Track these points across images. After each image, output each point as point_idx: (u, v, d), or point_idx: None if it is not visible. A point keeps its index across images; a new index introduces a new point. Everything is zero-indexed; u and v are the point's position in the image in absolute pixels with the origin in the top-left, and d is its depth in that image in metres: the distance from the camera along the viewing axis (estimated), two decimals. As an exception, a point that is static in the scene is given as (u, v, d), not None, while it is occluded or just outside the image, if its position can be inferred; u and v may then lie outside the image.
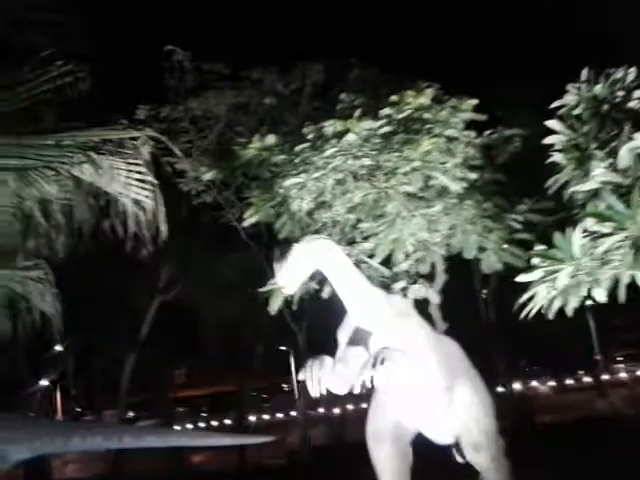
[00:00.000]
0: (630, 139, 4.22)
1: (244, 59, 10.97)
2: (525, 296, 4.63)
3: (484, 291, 17.28)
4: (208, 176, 7.19)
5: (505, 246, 6.49)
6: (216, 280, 17.72)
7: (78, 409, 29.11)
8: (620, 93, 4.97)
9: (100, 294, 16.85)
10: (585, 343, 29.21)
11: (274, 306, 6.36)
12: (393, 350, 4.80)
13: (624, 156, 4.20)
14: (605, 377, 26.04)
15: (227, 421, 26.24)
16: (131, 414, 26.12)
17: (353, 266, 5.17)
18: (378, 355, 4.73)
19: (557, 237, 4.43)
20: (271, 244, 12.73)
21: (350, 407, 23.10)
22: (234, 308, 19.00)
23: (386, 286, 5.96)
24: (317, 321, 14.69)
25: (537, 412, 19.00)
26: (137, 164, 3.88)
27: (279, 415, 28.91)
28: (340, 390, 5.12)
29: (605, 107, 5.01)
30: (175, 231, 5.00)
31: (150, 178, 4.03)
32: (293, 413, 25.63)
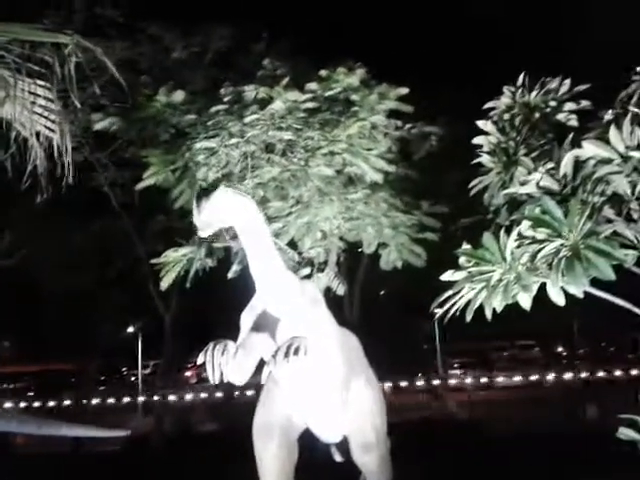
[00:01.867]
0: (573, 147, 4.19)
1: (141, 12, 9.99)
2: (446, 294, 4.44)
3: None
4: (99, 126, 6.30)
5: (408, 244, 6.42)
6: (70, 248, 16.13)
7: None
8: (552, 103, 5.00)
9: None
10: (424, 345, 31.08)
11: (166, 281, 5.69)
12: (306, 339, 4.40)
13: (567, 164, 4.16)
14: (440, 382, 27.66)
15: (65, 402, 24.22)
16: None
17: (272, 242, 4.67)
18: (291, 344, 4.30)
19: (487, 238, 4.28)
20: (144, 215, 11.95)
21: (200, 395, 22.43)
22: (86, 281, 17.52)
23: (293, 271, 5.56)
24: (187, 304, 13.95)
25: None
26: (44, 86, 3.13)
27: (111, 400, 27.30)
28: (239, 380, 4.63)
29: (536, 115, 5.01)
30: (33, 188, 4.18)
31: (56, 107, 3.29)
32: (126, 399, 24.34)
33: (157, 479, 9.46)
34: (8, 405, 25.02)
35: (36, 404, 25.80)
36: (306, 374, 4.99)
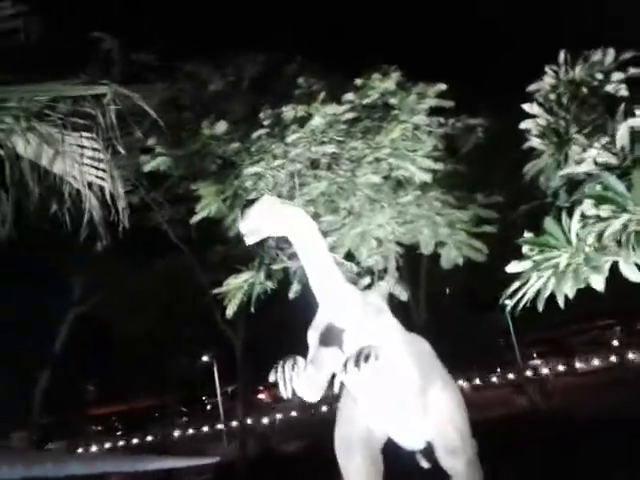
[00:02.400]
0: (627, 117, 4.01)
1: (175, 51, 10.24)
2: (514, 286, 4.32)
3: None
4: (149, 167, 6.47)
5: (466, 240, 6.28)
6: (139, 289, 16.66)
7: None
8: (599, 76, 4.82)
9: (9, 306, 15.37)
10: (499, 339, 30.31)
11: (231, 308, 5.75)
12: (375, 346, 4.34)
13: (623, 135, 3.99)
14: (523, 374, 26.90)
15: (148, 438, 24.91)
16: (42, 435, 24.21)
17: (329, 253, 4.64)
18: (361, 351, 4.25)
19: (549, 223, 4.16)
20: (203, 247, 12.18)
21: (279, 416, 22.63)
22: (157, 318, 18.01)
23: (352, 283, 5.52)
24: (255, 327, 14.14)
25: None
26: (91, 138, 3.25)
27: (200, 429, 27.80)
28: (312, 396, 4.61)
29: (584, 90, 4.83)
30: (96, 236, 4.29)
31: (104, 156, 3.39)
32: (209, 427, 24.78)
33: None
34: (102, 446, 25.92)
35: (124, 442, 26.64)
36: (381, 384, 4.94)
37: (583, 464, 7.27)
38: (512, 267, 4.33)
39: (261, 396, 31.23)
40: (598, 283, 4.06)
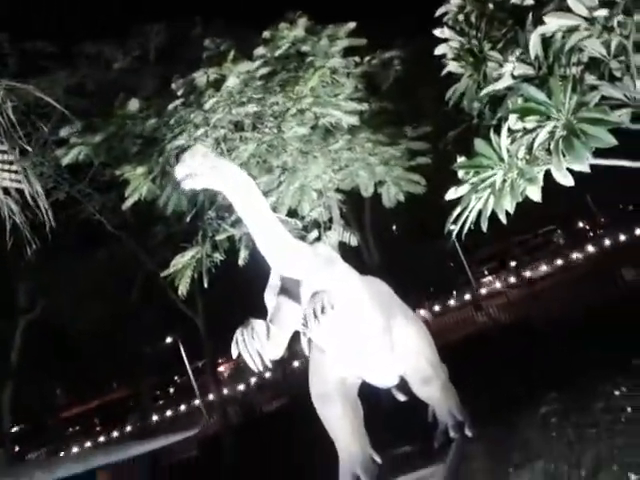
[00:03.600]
0: (537, 26, 4.02)
1: (72, 34, 9.69)
2: (456, 212, 4.37)
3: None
4: (67, 160, 6.16)
5: (403, 175, 6.32)
6: (85, 283, 16.20)
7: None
8: (502, -11, 4.79)
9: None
10: (450, 264, 31.16)
11: (183, 287, 5.64)
12: (326, 294, 4.36)
13: (535, 44, 4.01)
14: (478, 292, 27.79)
15: (128, 428, 24.72)
16: (19, 448, 23.70)
17: (271, 211, 4.55)
18: (315, 305, 4.26)
19: (479, 143, 4.18)
20: (143, 229, 11.88)
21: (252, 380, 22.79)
22: (110, 309, 17.64)
23: (301, 238, 5.49)
24: (213, 302, 14.02)
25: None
26: (-3, 141, 3.03)
27: (178, 409, 27.77)
28: (277, 354, 4.61)
29: (490, 6, 4.81)
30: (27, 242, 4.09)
31: (14, 157, 3.19)
32: (196, 403, 24.77)
33: (238, 465, 9.65)
34: (82, 446, 25.60)
35: (104, 438, 26.41)
36: (345, 331, 4.99)
37: (549, 368, 7.59)
38: (450, 194, 4.36)
39: (229, 364, 31.36)
40: (535, 194, 4.14)
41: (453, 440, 5.63)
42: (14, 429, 19.34)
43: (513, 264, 30.07)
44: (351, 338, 5.11)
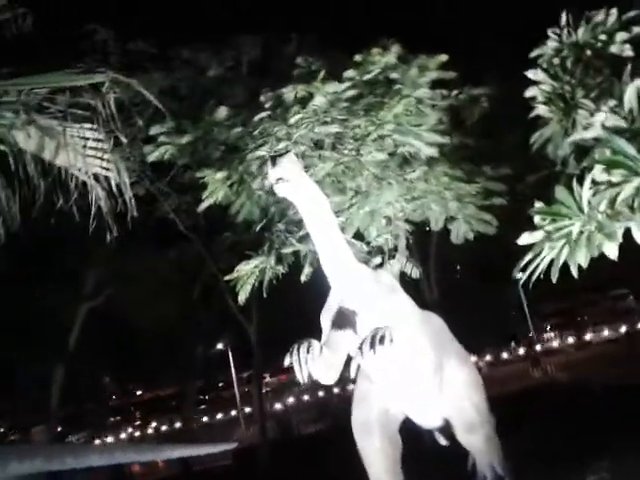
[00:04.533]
0: (634, 78, 3.92)
1: (172, 38, 10.15)
2: (527, 258, 4.26)
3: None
4: (153, 157, 6.44)
5: (476, 213, 6.23)
6: (151, 279, 16.72)
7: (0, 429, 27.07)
8: (602, 37, 4.70)
9: (21, 305, 15.46)
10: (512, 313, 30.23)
11: (243, 294, 5.73)
12: (389, 328, 4.31)
13: (631, 97, 3.90)
14: (537, 347, 26.86)
15: (167, 427, 25.18)
16: (61, 428, 24.52)
17: (340, 232, 4.59)
18: (376, 334, 4.22)
19: (560, 191, 4.08)
20: (212, 234, 12.18)
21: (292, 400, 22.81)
22: (171, 307, 18.09)
23: (363, 263, 5.49)
24: (268, 314, 14.18)
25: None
26: (93, 129, 3.21)
27: (219, 416, 28.06)
28: (328, 379, 4.60)
29: (588, 53, 4.73)
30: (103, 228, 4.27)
31: (107, 146, 3.36)
32: (233, 413, 24.98)
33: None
34: (121, 436, 26.22)
35: (142, 432, 26.95)
36: (396, 364, 4.91)
37: (598, 432, 7.24)
38: (524, 239, 4.26)
39: (276, 380, 31.46)
40: (612, 250, 3.99)
41: (490, 493, 5.42)
42: (61, 411, 19.94)
43: (578, 323, 28.85)
44: (402, 372, 5.03)
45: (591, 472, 6.07)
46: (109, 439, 25.98)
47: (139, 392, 35.01)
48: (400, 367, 4.91)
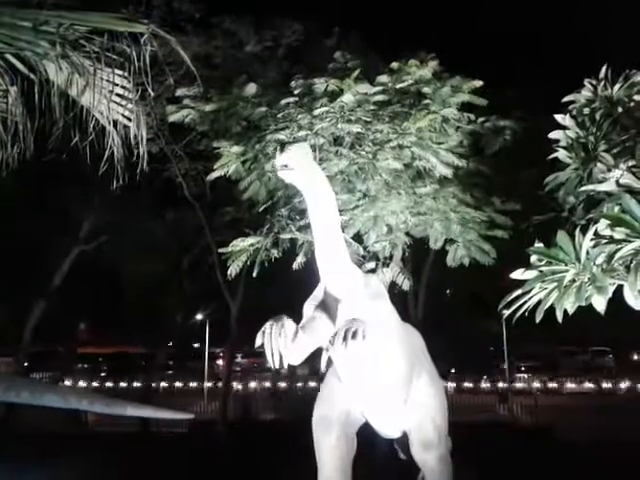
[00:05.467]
0: (658, 144, 3.96)
1: (217, 6, 10.19)
2: (516, 293, 4.30)
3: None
4: (174, 118, 6.46)
5: (476, 240, 6.27)
6: (146, 237, 16.71)
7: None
8: (637, 97, 4.74)
9: (15, 235, 15.46)
10: (490, 347, 30.35)
11: (233, 269, 5.77)
12: (363, 323, 4.33)
13: (650, 161, 3.94)
14: (507, 385, 26.94)
15: (132, 384, 25.23)
16: (28, 364, 24.53)
17: (340, 228, 4.62)
18: (349, 327, 4.25)
19: (561, 236, 4.12)
20: (215, 206, 12.22)
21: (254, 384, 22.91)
22: (159, 269, 18.13)
23: (357, 265, 5.53)
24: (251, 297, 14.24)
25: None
26: (122, 75, 3.24)
27: (184, 385, 28.11)
28: (295, 359, 4.62)
29: (619, 109, 4.77)
30: (110, 177, 4.30)
31: (133, 96, 3.39)
32: (202, 385, 25.03)
33: (220, 462, 9.69)
34: (82, 384, 26.29)
35: (108, 385, 27.01)
36: (367, 367, 4.95)
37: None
38: (517, 274, 4.30)
39: (247, 361, 31.55)
40: (600, 304, 4.03)
41: (432, 513, 5.47)
42: (31, 347, 19.98)
43: (553, 370, 28.98)
44: (371, 377, 5.06)
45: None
46: (71, 384, 26.03)
47: (110, 345, 35.07)
48: (370, 371, 4.95)
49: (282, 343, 4.27)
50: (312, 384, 20.01)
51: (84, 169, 5.31)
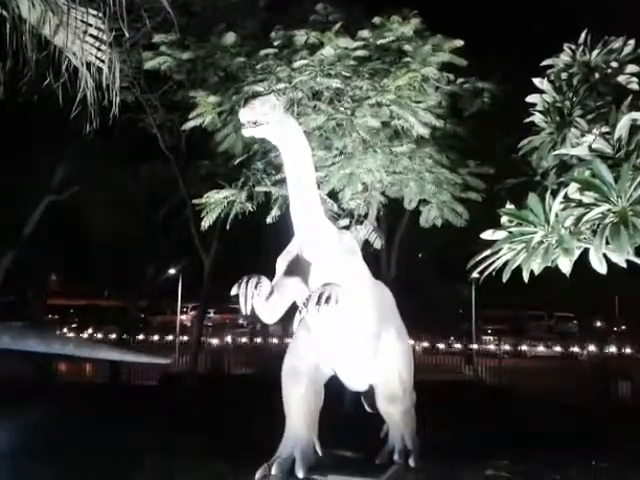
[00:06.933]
0: (631, 111, 4.02)
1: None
2: (485, 253, 4.38)
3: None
4: (149, 65, 6.31)
5: (450, 202, 6.34)
6: (118, 189, 16.48)
7: None
8: (614, 64, 4.78)
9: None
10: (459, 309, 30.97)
11: (207, 221, 5.76)
12: (337, 288, 4.41)
13: (623, 126, 4.00)
14: (474, 346, 27.56)
15: (101, 336, 25.22)
16: (-4, 314, 24.32)
17: (315, 186, 4.64)
18: (323, 292, 4.32)
19: (532, 198, 4.20)
20: (190, 158, 12.06)
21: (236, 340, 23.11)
22: (132, 221, 17.93)
23: (331, 220, 5.56)
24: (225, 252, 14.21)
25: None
26: (97, 16, 3.16)
27: (155, 338, 28.21)
28: (268, 318, 4.72)
29: (596, 75, 4.81)
30: (82, 124, 4.22)
31: (107, 38, 3.31)
32: (169, 338, 25.12)
33: (190, 414, 9.83)
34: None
35: (76, 334, 26.95)
36: (337, 322, 5.04)
37: (513, 437, 7.60)
38: (487, 234, 4.39)
39: (219, 317, 31.72)
40: (565, 265, 4.15)
41: (394, 463, 5.67)
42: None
43: (518, 334, 29.72)
44: (340, 331, 5.16)
45: (490, 467, 6.40)
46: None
47: (81, 297, 34.88)
48: (340, 326, 5.05)
49: (256, 293, 4.35)
50: (284, 341, 20.23)
51: (57, 115, 5.19)
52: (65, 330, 27.03)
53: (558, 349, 24.76)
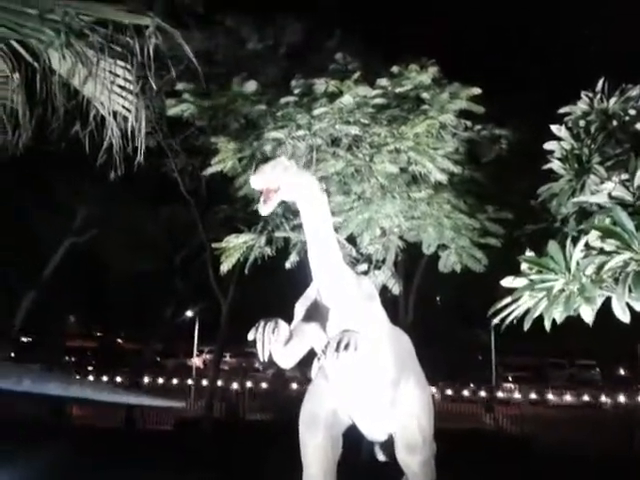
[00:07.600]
0: (652, 157, 4.01)
1: (220, 3, 10.20)
2: (506, 300, 4.34)
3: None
4: (172, 111, 6.47)
5: (468, 247, 6.32)
6: (139, 232, 16.68)
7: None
8: (632, 112, 4.80)
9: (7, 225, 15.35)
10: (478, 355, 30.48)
11: (225, 266, 5.79)
12: (356, 334, 4.36)
13: (644, 174, 3.99)
14: (496, 394, 27.03)
15: (118, 379, 25.14)
16: (14, 355, 24.42)
17: (333, 230, 4.65)
18: (342, 339, 4.28)
19: (552, 246, 4.17)
20: (210, 203, 12.23)
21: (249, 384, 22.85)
22: (150, 265, 18.08)
23: (349, 265, 5.56)
24: (242, 296, 14.23)
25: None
26: (125, 67, 3.26)
27: (170, 382, 28.07)
28: (287, 363, 4.66)
29: (614, 123, 4.83)
30: (106, 169, 4.33)
31: (134, 88, 3.41)
32: (189, 382, 24.98)
33: (205, 460, 9.69)
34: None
35: (93, 378, 26.89)
36: (356, 370, 4.98)
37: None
38: (507, 281, 4.34)
39: (235, 361, 31.50)
40: (588, 314, 4.07)
41: (412, 518, 5.49)
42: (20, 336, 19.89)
43: (540, 382, 29.09)
44: (358, 379, 5.09)
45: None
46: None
47: (98, 338, 34.95)
48: (358, 373, 4.97)
49: (274, 338, 4.30)
50: (302, 386, 20.00)
51: (81, 160, 5.32)
52: (82, 373, 27.02)
53: (580, 398, 24.17)
